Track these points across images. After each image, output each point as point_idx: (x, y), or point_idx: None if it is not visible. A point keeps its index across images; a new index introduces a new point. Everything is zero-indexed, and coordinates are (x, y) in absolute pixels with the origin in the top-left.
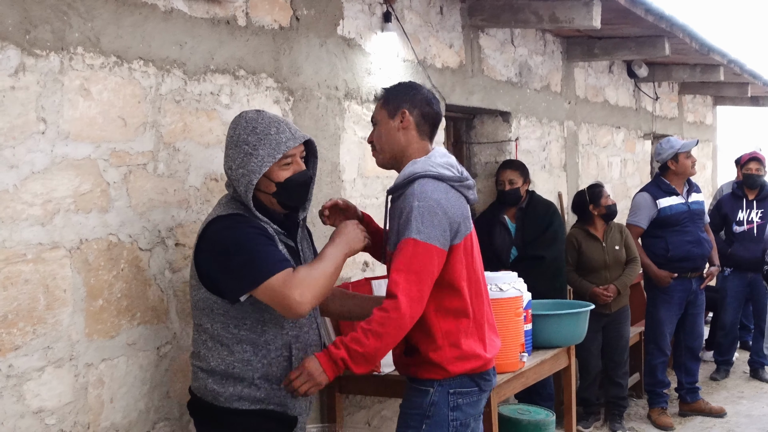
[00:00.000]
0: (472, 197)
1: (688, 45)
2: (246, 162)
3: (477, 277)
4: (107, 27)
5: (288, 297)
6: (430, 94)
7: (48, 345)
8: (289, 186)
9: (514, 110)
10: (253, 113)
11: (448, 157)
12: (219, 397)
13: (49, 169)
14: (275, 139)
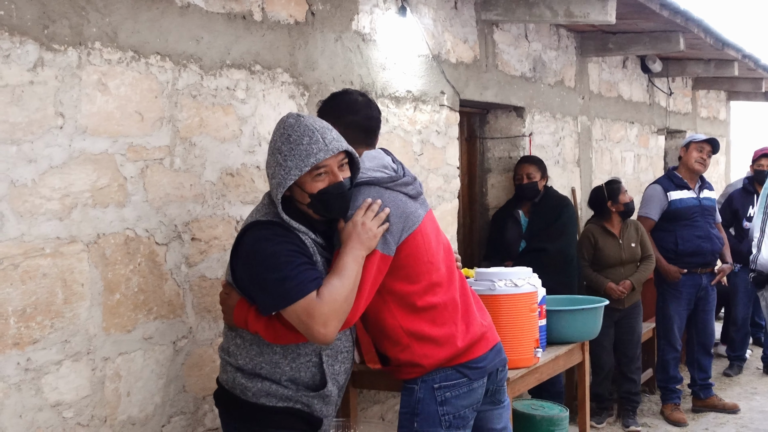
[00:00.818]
0: (412, 192)
1: (703, 40)
2: (277, 172)
3: (437, 267)
4: (124, 22)
5: (311, 328)
6: (354, 100)
7: (66, 339)
8: (324, 198)
9: (528, 105)
10: (293, 119)
11: (379, 159)
12: (247, 391)
13: (67, 164)
14: (306, 150)
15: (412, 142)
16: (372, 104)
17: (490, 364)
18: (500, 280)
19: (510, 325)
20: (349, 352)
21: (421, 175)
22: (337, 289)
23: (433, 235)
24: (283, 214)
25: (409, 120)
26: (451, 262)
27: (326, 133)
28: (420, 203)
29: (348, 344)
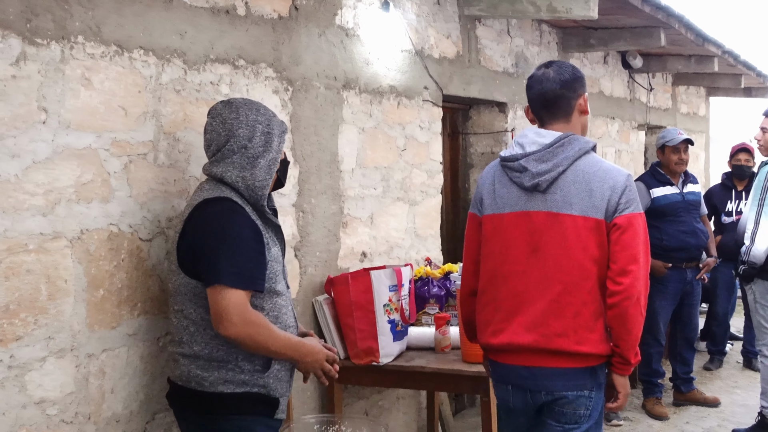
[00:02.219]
0: (516, 179)
1: (684, 36)
2: (268, 140)
3: (499, 260)
4: (108, 16)
5: (229, 316)
6: (531, 75)
7: (50, 335)
8: (286, 164)
9: (511, 101)
10: (240, 98)
11: (521, 137)
12: (204, 381)
13: (51, 159)
14: (277, 120)
15: (396, 137)
16: (543, 77)
17: (509, 371)
18: None
19: None
20: (295, 328)
21: (405, 170)
22: (271, 330)
23: (513, 228)
24: (270, 181)
25: (392, 115)
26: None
27: None
28: (528, 196)
29: (293, 320)
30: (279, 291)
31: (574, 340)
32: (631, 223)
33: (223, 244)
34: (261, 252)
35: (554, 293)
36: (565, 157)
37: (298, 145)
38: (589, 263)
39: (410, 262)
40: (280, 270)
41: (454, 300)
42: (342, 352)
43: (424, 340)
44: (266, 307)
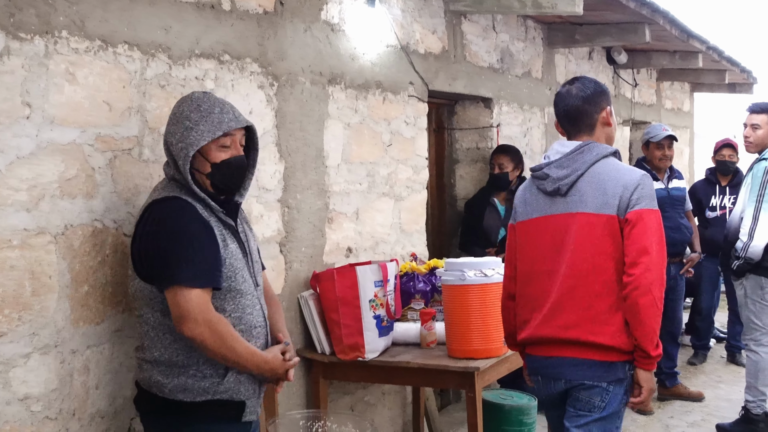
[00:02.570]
0: (541, 187)
1: (668, 31)
2: (185, 136)
3: (530, 261)
4: (93, 11)
5: (191, 316)
6: (557, 93)
7: (34, 331)
8: (224, 168)
9: (496, 96)
10: (200, 93)
11: (549, 150)
12: (164, 388)
13: (35, 154)
14: (218, 118)
15: (381, 132)
16: (566, 94)
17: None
18: (470, 271)
19: (480, 315)
20: (262, 328)
21: (390, 166)
22: (233, 337)
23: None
24: (188, 175)
25: (378, 111)
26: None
27: (234, 107)
28: (551, 201)
29: (261, 319)
30: (242, 290)
31: (588, 331)
32: (641, 218)
33: (174, 243)
34: (215, 248)
35: (568, 287)
36: (583, 162)
37: (284, 140)
38: (602, 258)
39: (396, 257)
40: (242, 268)
41: (440, 295)
42: (327, 348)
43: (410, 335)
44: (228, 308)
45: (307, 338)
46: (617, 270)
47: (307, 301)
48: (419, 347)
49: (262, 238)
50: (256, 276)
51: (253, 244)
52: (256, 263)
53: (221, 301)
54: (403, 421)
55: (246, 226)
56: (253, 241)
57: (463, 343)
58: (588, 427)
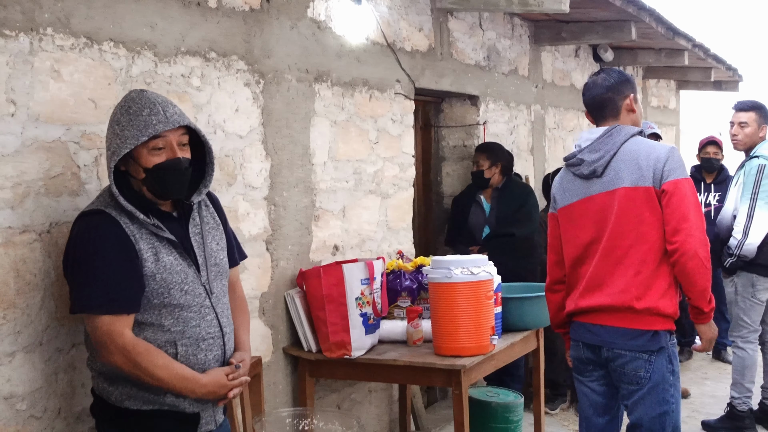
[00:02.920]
0: (576, 172)
1: (654, 29)
2: (112, 143)
3: (576, 242)
4: (78, 7)
5: (104, 345)
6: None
7: (18, 330)
8: (159, 174)
9: (483, 94)
10: (136, 92)
11: (578, 138)
12: (110, 396)
13: (20, 152)
14: (145, 121)
15: (368, 130)
16: (592, 84)
17: (586, 332)
18: (457, 268)
19: (466, 313)
20: (216, 339)
21: (377, 163)
22: (157, 358)
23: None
24: (113, 187)
25: (364, 108)
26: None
27: (168, 106)
28: (588, 183)
29: (212, 330)
30: (182, 304)
31: (634, 296)
32: (677, 187)
33: (82, 267)
34: (129, 269)
35: (616, 257)
36: (613, 143)
37: (270, 138)
38: (644, 227)
39: (382, 255)
40: (181, 281)
41: (426, 293)
42: (314, 346)
43: (396, 333)
44: (166, 324)
45: (294, 336)
46: (659, 237)
47: (294, 299)
48: (406, 345)
49: (248, 235)
50: (211, 282)
51: (216, 246)
52: (216, 267)
53: (157, 317)
54: (389, 419)
55: (213, 223)
56: (216, 242)
57: (450, 340)
58: (642, 401)
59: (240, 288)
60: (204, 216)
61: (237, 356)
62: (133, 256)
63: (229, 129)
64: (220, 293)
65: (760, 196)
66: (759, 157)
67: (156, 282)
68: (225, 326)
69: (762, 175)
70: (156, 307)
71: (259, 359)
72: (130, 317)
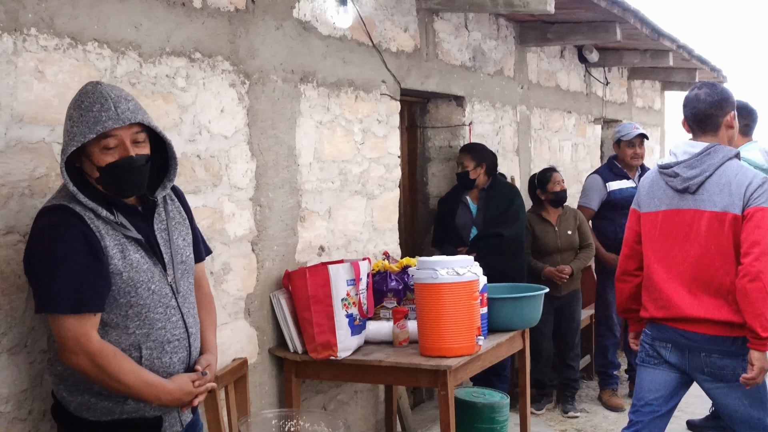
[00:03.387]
0: (670, 183)
1: (639, 30)
2: (65, 140)
3: (658, 248)
4: (62, 7)
5: (67, 345)
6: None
7: (3, 332)
8: (112, 173)
9: (468, 94)
10: (91, 86)
11: (675, 147)
12: (69, 405)
13: (4, 153)
14: (94, 117)
15: (354, 131)
16: (695, 98)
17: (672, 333)
18: (442, 269)
19: (452, 313)
20: (181, 341)
21: (363, 164)
22: (124, 363)
23: (670, 224)
24: (70, 185)
25: (350, 109)
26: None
27: (121, 102)
28: (680, 196)
29: (178, 332)
30: (148, 304)
31: (731, 311)
32: (756, 213)
33: (47, 266)
34: (94, 267)
35: (708, 276)
36: (710, 163)
37: (255, 138)
38: (726, 248)
39: (368, 255)
40: (148, 279)
41: (412, 294)
42: (300, 347)
43: (382, 334)
44: (131, 326)
45: (280, 337)
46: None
47: (280, 300)
48: (392, 346)
49: (234, 236)
50: (177, 281)
51: (182, 242)
52: (182, 264)
53: (123, 318)
54: (375, 420)
55: (179, 218)
56: (183, 237)
57: (436, 341)
58: (739, 389)
59: (206, 284)
60: (170, 210)
61: (203, 361)
62: (99, 252)
63: (215, 130)
64: (187, 292)
65: None
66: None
67: (122, 280)
68: (191, 327)
69: None
70: (122, 306)
71: (245, 360)
72: (96, 317)
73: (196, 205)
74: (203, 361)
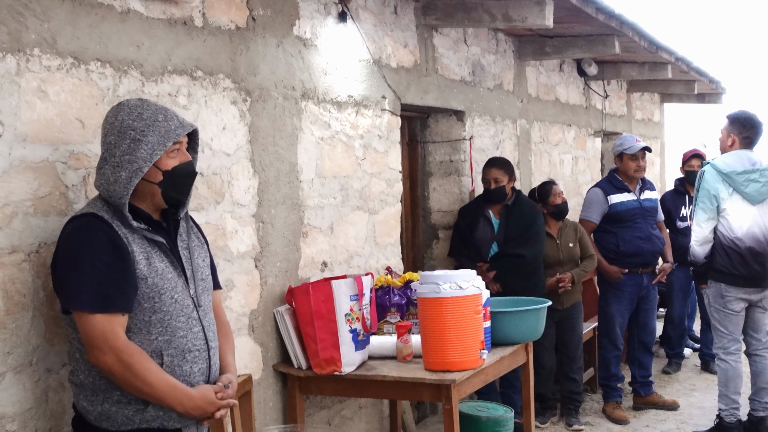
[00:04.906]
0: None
1: (638, 43)
2: (134, 148)
3: None
4: (64, 28)
5: (96, 343)
6: None
7: (8, 350)
8: (176, 175)
9: (468, 109)
10: (136, 101)
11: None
12: (89, 415)
13: (7, 172)
14: (164, 126)
15: (355, 146)
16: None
17: None
18: (445, 283)
19: (455, 328)
20: (201, 352)
21: (364, 179)
22: (148, 367)
23: None
24: (130, 192)
25: (351, 125)
26: None
27: (175, 111)
28: None
29: (198, 342)
30: (170, 311)
31: None
32: None
33: (75, 265)
34: (121, 269)
35: None
36: None
37: (257, 155)
38: None
39: (370, 270)
40: (172, 288)
41: (415, 308)
42: (304, 362)
43: (386, 348)
44: (153, 332)
45: (284, 353)
46: None
47: (283, 316)
48: (395, 360)
49: (236, 253)
50: (199, 296)
51: (202, 262)
52: (203, 281)
53: (145, 324)
54: None
55: (197, 242)
56: (202, 258)
57: (439, 355)
58: None
59: (223, 313)
60: (189, 232)
61: (224, 378)
62: (125, 254)
63: (216, 147)
64: (207, 308)
65: (698, 200)
66: (708, 164)
67: (147, 285)
68: (211, 341)
69: (701, 180)
70: (146, 312)
71: (249, 377)
72: (124, 317)
73: (199, 222)
74: (225, 378)
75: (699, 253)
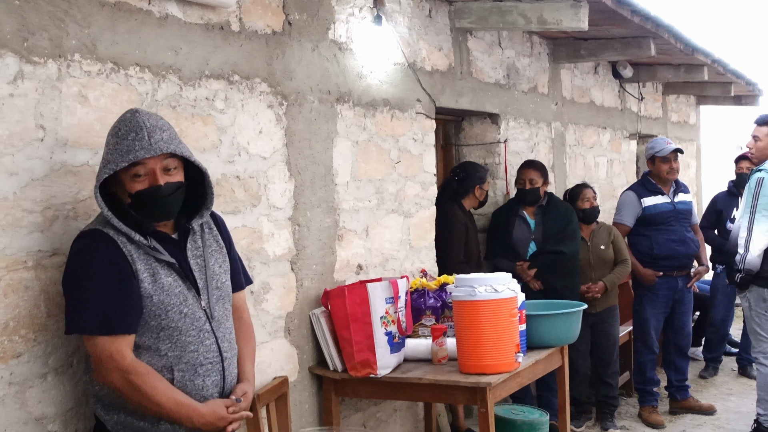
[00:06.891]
0: None
1: (673, 45)
2: (103, 163)
3: None
4: (103, 33)
5: (102, 364)
6: None
7: (50, 351)
8: (141, 200)
9: (503, 112)
10: (130, 113)
11: None
12: (107, 424)
13: (48, 176)
14: (127, 146)
15: (389, 149)
16: None
17: None
18: (480, 286)
19: (491, 331)
20: (215, 364)
21: (399, 182)
22: (156, 383)
23: None
24: (104, 210)
25: (386, 128)
26: None
27: (155, 132)
28: None
29: (211, 355)
30: (179, 327)
31: None
32: None
33: (77, 287)
34: (123, 290)
35: None
36: None
37: (293, 158)
38: None
39: (405, 273)
40: (180, 303)
41: (450, 311)
42: (339, 365)
43: (421, 351)
44: (163, 348)
45: (319, 355)
46: None
47: (319, 319)
48: (430, 363)
49: (273, 255)
50: (212, 306)
51: (218, 269)
52: (217, 290)
53: (155, 340)
54: None
55: (216, 246)
56: (219, 264)
57: (475, 358)
58: None
59: (246, 313)
60: (206, 239)
61: (239, 389)
62: (129, 276)
63: (253, 150)
64: (222, 317)
65: (758, 209)
66: (761, 171)
67: (153, 303)
68: (225, 351)
69: (760, 187)
70: (153, 329)
71: (285, 379)
72: (129, 338)
73: (235, 225)
74: (239, 390)
75: (757, 262)
